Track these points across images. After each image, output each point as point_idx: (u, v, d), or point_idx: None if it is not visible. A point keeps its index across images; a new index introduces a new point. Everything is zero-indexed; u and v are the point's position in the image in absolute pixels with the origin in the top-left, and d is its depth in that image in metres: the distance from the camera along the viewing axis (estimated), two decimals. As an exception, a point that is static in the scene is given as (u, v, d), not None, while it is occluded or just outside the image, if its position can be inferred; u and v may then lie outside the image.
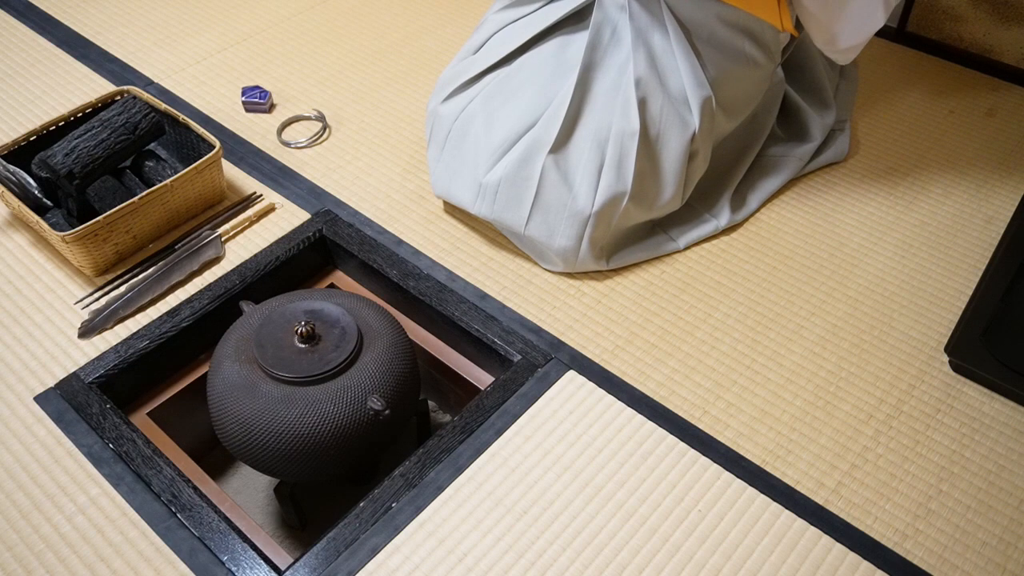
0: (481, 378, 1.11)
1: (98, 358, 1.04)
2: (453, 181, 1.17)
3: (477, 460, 0.94)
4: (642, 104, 1.09)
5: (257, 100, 1.41)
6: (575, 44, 1.13)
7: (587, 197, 1.08)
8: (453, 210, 1.24)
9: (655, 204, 1.13)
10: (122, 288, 1.13)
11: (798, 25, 1.15)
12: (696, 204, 1.21)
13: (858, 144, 1.36)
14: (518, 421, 0.98)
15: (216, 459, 1.20)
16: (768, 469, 0.94)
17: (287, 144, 1.35)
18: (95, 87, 1.47)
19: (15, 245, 1.19)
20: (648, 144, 1.10)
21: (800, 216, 1.24)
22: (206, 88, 1.48)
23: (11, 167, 1.16)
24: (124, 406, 1.05)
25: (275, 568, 0.87)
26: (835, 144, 1.32)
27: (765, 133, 1.24)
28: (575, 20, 1.15)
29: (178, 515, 0.90)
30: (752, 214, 1.24)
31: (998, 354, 0.98)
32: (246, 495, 1.18)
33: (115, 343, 1.06)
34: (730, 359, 1.05)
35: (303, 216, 1.23)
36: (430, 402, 1.24)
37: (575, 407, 0.99)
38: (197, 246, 1.17)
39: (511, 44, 1.15)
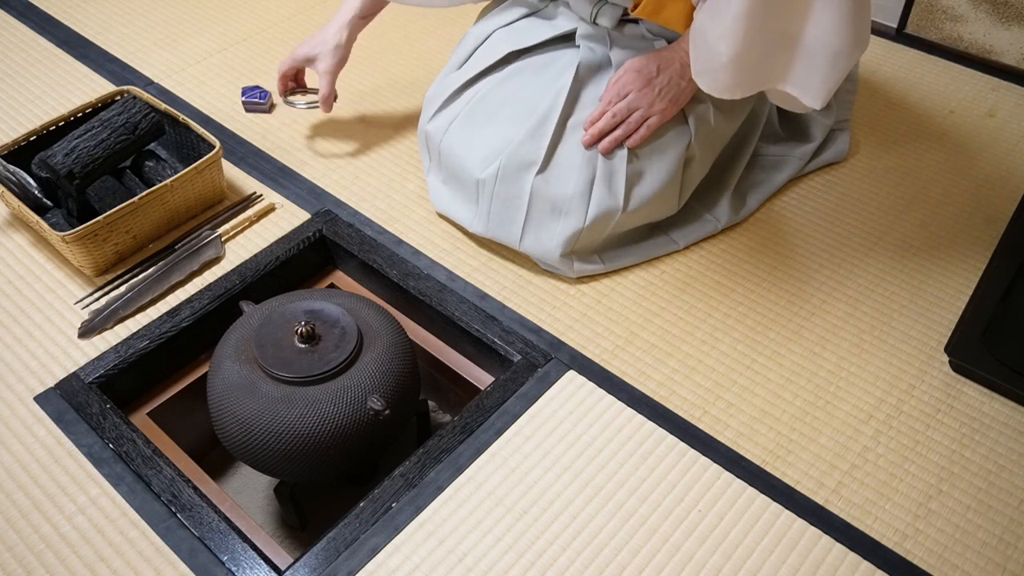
0: (481, 378, 1.11)
1: (98, 358, 1.04)
2: (451, 198, 1.18)
3: (477, 460, 0.94)
4: None
5: (257, 100, 1.41)
6: (560, 60, 1.13)
7: (579, 214, 1.08)
8: (453, 210, 1.24)
9: (650, 211, 1.13)
10: (122, 288, 1.13)
11: None
12: (695, 204, 1.21)
13: (858, 144, 1.36)
14: (518, 421, 0.98)
15: (216, 459, 1.20)
16: (768, 469, 0.94)
17: (291, 104, 1.37)
18: (95, 87, 1.47)
19: (15, 245, 1.19)
20: (640, 157, 1.09)
21: (800, 216, 1.24)
22: (206, 88, 1.48)
23: (11, 167, 1.16)
24: (124, 406, 1.05)
25: (275, 568, 0.87)
26: (835, 144, 1.32)
27: (761, 122, 1.23)
28: (562, 40, 1.15)
29: (178, 515, 0.90)
30: (752, 214, 1.24)
31: (998, 354, 0.98)
32: (246, 495, 1.18)
33: (115, 343, 1.06)
34: (730, 359, 1.05)
35: (303, 216, 1.23)
36: (430, 402, 1.24)
37: (575, 407, 0.99)
38: (197, 246, 1.17)
39: (493, 56, 1.15)
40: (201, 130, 1.22)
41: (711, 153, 1.17)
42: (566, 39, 1.15)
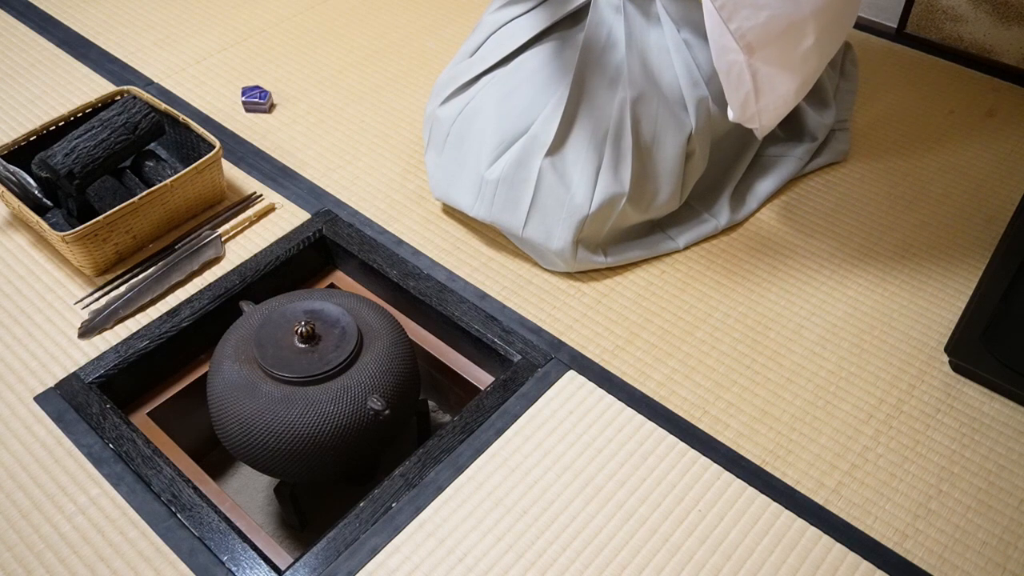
0: (481, 378, 1.11)
1: (98, 358, 1.04)
2: (452, 184, 1.17)
3: (477, 460, 0.94)
4: (637, 105, 1.09)
5: (257, 100, 1.41)
6: (572, 45, 1.13)
7: (584, 198, 1.08)
8: (453, 210, 1.24)
9: (652, 205, 1.13)
10: (122, 288, 1.13)
11: None
12: (695, 204, 1.22)
13: (858, 144, 1.36)
14: (518, 421, 0.98)
15: (216, 459, 1.20)
16: (768, 469, 0.94)
17: None
18: (95, 87, 1.47)
19: (15, 245, 1.19)
20: (644, 145, 1.10)
21: (800, 216, 1.24)
22: (206, 88, 1.48)
23: (11, 167, 1.16)
24: (124, 406, 1.05)
25: (275, 568, 0.87)
26: (835, 144, 1.32)
27: None
28: (571, 22, 1.15)
29: (178, 515, 0.90)
30: (752, 214, 1.24)
31: (998, 354, 0.98)
32: (246, 495, 1.18)
33: (115, 343, 1.06)
34: (730, 359, 1.05)
35: (303, 216, 1.23)
36: (430, 402, 1.24)
37: (575, 407, 0.99)
38: (197, 246, 1.17)
39: (508, 46, 1.15)
40: (201, 130, 1.22)
41: (709, 146, 1.17)
42: (577, 20, 1.15)
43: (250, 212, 1.23)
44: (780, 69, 0.97)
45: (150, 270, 1.14)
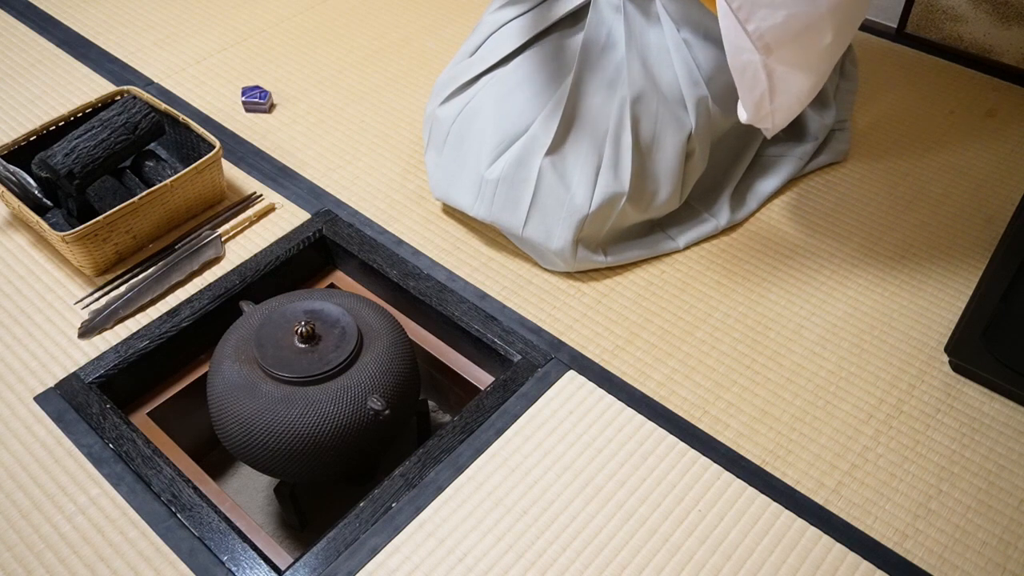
0: (481, 378, 1.11)
1: (98, 358, 1.04)
2: (452, 183, 1.17)
3: (477, 460, 0.94)
4: (637, 104, 1.09)
5: (257, 100, 1.41)
6: (572, 45, 1.13)
7: (584, 198, 1.08)
8: (453, 210, 1.24)
9: (652, 204, 1.13)
10: (122, 288, 1.13)
11: None
12: (695, 204, 1.22)
13: (858, 144, 1.36)
14: (518, 421, 0.98)
15: (216, 459, 1.20)
16: (768, 469, 0.94)
17: None
18: (95, 87, 1.47)
19: (15, 245, 1.19)
20: (644, 144, 1.10)
21: (800, 216, 1.24)
22: (206, 88, 1.48)
23: (11, 167, 1.16)
24: (124, 406, 1.05)
25: (275, 568, 0.87)
26: (835, 144, 1.32)
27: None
28: (571, 21, 1.15)
29: (178, 515, 0.90)
30: (752, 214, 1.24)
31: (998, 354, 0.98)
32: (246, 495, 1.18)
33: (115, 343, 1.06)
34: (730, 359, 1.05)
35: (303, 216, 1.23)
36: (430, 402, 1.24)
37: (575, 407, 0.99)
38: (197, 246, 1.17)
39: (508, 46, 1.15)
40: (201, 130, 1.22)
41: (709, 146, 1.17)
42: (577, 20, 1.15)
43: (250, 212, 1.23)
44: (796, 68, 0.96)
45: (150, 270, 1.14)
